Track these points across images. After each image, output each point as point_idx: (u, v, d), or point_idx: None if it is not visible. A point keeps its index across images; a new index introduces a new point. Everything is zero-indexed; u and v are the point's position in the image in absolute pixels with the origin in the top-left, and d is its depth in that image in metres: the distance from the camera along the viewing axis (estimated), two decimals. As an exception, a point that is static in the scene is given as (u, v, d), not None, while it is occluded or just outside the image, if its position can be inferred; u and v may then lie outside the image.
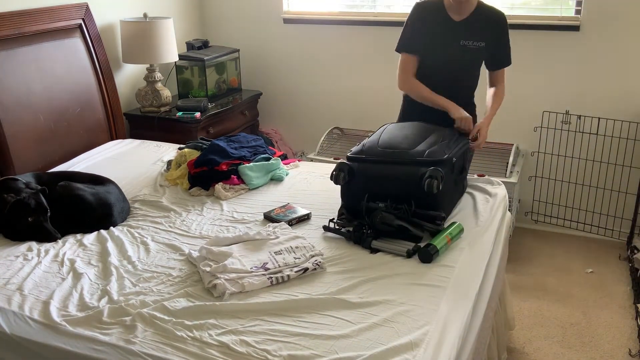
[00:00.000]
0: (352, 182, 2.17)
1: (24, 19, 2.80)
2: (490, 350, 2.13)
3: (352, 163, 2.19)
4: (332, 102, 4.08)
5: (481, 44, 2.48)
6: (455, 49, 2.49)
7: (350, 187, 2.18)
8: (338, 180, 2.17)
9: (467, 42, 2.48)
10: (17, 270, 1.96)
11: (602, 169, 3.51)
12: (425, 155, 2.14)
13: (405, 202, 2.07)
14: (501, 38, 2.52)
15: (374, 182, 2.14)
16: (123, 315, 1.69)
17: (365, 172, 2.16)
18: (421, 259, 1.93)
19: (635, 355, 2.55)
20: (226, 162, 2.62)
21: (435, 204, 2.09)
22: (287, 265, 1.88)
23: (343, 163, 2.19)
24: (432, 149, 2.17)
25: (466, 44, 2.48)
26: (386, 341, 1.53)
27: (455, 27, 2.49)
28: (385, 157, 2.18)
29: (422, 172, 2.06)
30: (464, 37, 2.48)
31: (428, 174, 2.04)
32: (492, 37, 2.49)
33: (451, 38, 2.49)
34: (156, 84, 3.57)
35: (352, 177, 2.16)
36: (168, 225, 2.28)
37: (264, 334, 1.59)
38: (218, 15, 4.23)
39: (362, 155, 2.21)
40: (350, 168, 2.17)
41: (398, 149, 2.19)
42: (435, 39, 2.51)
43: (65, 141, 3.02)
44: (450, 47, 2.50)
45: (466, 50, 2.49)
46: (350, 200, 2.18)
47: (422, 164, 2.10)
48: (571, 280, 3.15)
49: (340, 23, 3.89)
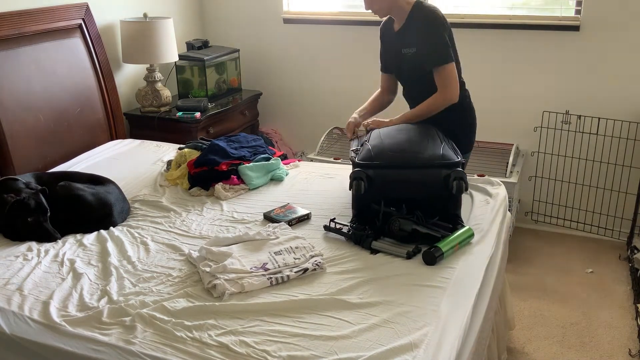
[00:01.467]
0: (368, 189, 2.11)
1: (24, 19, 2.80)
2: (490, 350, 2.12)
3: (367, 170, 2.12)
4: (332, 102, 4.08)
5: (412, 50, 2.42)
6: (399, 58, 2.50)
7: (366, 193, 2.11)
8: (359, 190, 2.08)
9: (405, 49, 2.45)
10: (17, 270, 1.96)
11: (602, 169, 3.51)
12: (440, 157, 2.13)
13: (424, 205, 2.07)
14: (423, 36, 2.38)
15: (393, 188, 2.11)
16: (123, 316, 1.69)
17: (384, 178, 2.11)
18: (425, 260, 1.92)
19: (635, 355, 2.55)
20: (226, 162, 2.62)
21: (457, 205, 2.11)
22: (287, 265, 1.88)
23: (359, 171, 2.11)
24: (444, 152, 2.16)
25: (405, 52, 2.45)
26: (386, 342, 1.53)
27: (395, 36, 2.50)
28: (402, 161, 2.13)
29: (444, 174, 2.06)
30: (402, 46, 2.45)
31: (454, 176, 2.04)
32: (418, 40, 2.39)
33: (395, 48, 2.51)
34: (156, 84, 3.57)
35: (370, 184, 2.11)
36: (168, 225, 2.28)
37: (263, 334, 1.59)
38: (218, 15, 4.23)
39: (376, 162, 2.14)
40: (367, 175, 2.10)
41: (411, 152, 2.17)
42: (387, 53, 2.60)
43: (65, 141, 3.02)
44: (396, 57, 2.52)
45: (406, 58, 2.46)
46: (365, 207, 2.13)
47: (442, 167, 2.10)
48: (571, 280, 3.15)
49: (340, 23, 3.89)
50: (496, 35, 3.51)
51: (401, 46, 2.46)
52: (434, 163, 2.11)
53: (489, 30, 3.50)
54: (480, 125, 2.68)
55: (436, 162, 2.11)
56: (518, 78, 3.55)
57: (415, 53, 2.41)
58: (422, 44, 2.39)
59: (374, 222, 2.08)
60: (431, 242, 1.97)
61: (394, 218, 2.03)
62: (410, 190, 2.10)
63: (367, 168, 2.13)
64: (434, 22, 2.37)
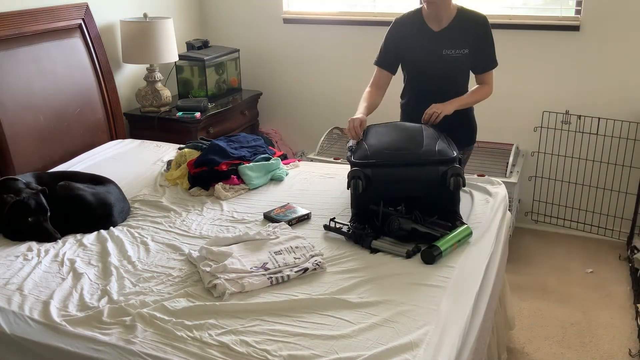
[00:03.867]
0: (367, 188, 2.12)
1: (24, 19, 2.80)
2: (490, 350, 2.13)
3: (365, 169, 2.13)
4: (332, 102, 4.07)
5: (464, 51, 2.45)
6: (437, 59, 2.47)
7: (364, 192, 2.12)
8: (357, 189, 2.10)
9: (449, 50, 2.45)
10: (17, 270, 1.96)
11: (602, 169, 3.51)
12: (437, 154, 2.14)
13: (423, 202, 2.08)
14: (484, 42, 2.48)
15: (392, 186, 2.12)
16: (123, 315, 1.69)
17: (383, 177, 2.12)
18: (424, 259, 1.92)
19: (635, 355, 2.55)
20: (226, 162, 2.62)
21: (456, 201, 2.13)
22: (287, 265, 1.88)
23: (357, 170, 2.12)
24: (440, 148, 2.17)
25: (449, 52, 2.45)
26: (386, 341, 1.53)
27: (435, 37, 2.47)
28: (398, 159, 2.15)
29: (442, 170, 2.08)
30: (446, 47, 2.45)
31: (451, 172, 2.05)
32: (475, 42, 2.46)
33: (432, 48, 2.47)
34: (156, 84, 3.57)
35: (369, 183, 2.12)
36: (168, 225, 2.28)
37: (264, 334, 1.59)
38: (218, 15, 4.23)
39: (373, 160, 2.15)
40: (365, 174, 2.11)
41: (407, 150, 2.18)
42: (415, 51, 2.52)
43: (65, 141, 3.02)
44: (432, 57, 2.48)
45: (449, 59, 2.46)
46: (364, 206, 2.14)
47: (439, 163, 2.11)
48: (571, 280, 3.15)
49: (340, 23, 3.89)
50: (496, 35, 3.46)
51: (443, 47, 2.45)
52: (431, 160, 2.13)
53: (489, 30, 3.50)
54: (480, 125, 2.69)
55: (432, 159, 2.13)
56: (518, 78, 3.54)
57: (467, 54, 2.46)
58: (481, 47, 2.48)
59: (373, 222, 2.08)
60: (431, 241, 1.97)
61: (394, 217, 2.03)
62: (408, 188, 2.12)
63: (364, 167, 2.14)
64: (490, 27, 2.50)
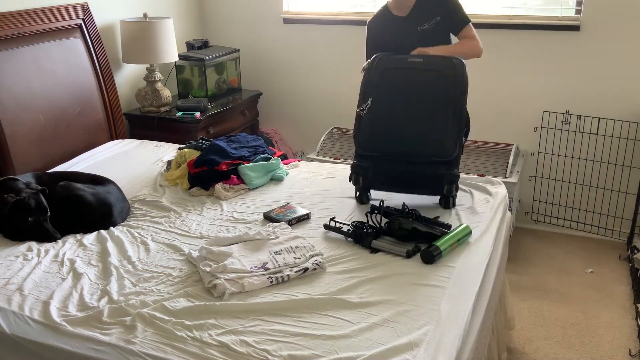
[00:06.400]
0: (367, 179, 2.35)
1: (24, 19, 2.80)
2: (490, 350, 2.12)
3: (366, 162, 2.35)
4: (332, 102, 4.07)
5: (437, 19, 2.55)
6: (416, 36, 2.55)
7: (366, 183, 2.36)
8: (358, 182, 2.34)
9: (423, 25, 2.55)
10: (17, 270, 1.96)
11: (602, 169, 3.51)
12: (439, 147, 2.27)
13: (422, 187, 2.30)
14: (450, 5, 2.58)
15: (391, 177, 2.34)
16: (123, 315, 1.69)
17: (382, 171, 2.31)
18: (424, 259, 1.93)
19: (635, 355, 2.55)
20: (226, 162, 2.62)
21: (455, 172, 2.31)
22: (287, 265, 1.88)
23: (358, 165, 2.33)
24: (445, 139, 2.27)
25: (424, 27, 2.55)
26: (386, 341, 1.54)
27: (406, 20, 2.58)
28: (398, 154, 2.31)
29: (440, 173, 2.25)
30: (419, 23, 2.56)
31: (447, 179, 2.25)
32: (443, 9, 2.56)
33: (409, 31, 2.57)
34: (156, 84, 3.57)
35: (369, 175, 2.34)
36: (168, 225, 2.28)
37: (264, 334, 1.59)
38: (218, 15, 4.23)
39: (375, 153, 2.34)
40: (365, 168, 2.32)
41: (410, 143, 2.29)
42: (396, 39, 2.61)
43: (65, 141, 3.02)
44: (412, 37, 2.55)
45: (428, 32, 2.56)
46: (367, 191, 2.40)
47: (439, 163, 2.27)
48: (571, 280, 3.15)
49: (340, 23, 3.89)
50: (496, 35, 3.51)
51: (417, 25, 2.55)
52: (430, 160, 2.24)
53: (489, 30, 3.49)
54: (480, 125, 2.70)
55: (432, 160, 2.25)
56: (518, 78, 3.55)
57: (440, 22, 2.55)
58: (447, 10, 2.56)
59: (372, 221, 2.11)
60: (431, 240, 1.98)
61: (394, 217, 2.03)
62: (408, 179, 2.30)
63: (365, 159, 2.32)
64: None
